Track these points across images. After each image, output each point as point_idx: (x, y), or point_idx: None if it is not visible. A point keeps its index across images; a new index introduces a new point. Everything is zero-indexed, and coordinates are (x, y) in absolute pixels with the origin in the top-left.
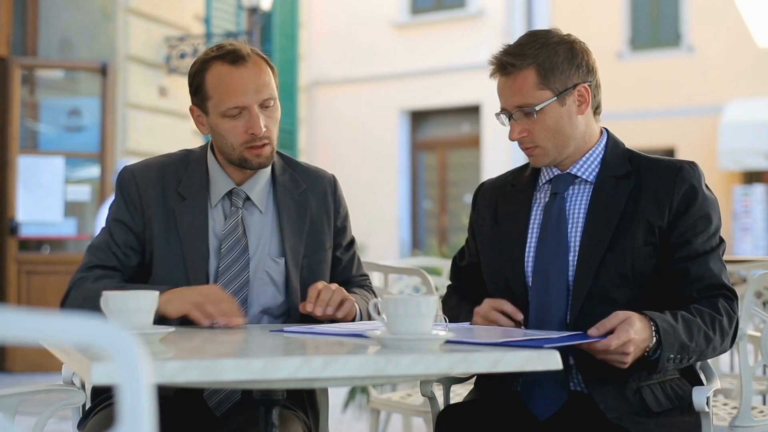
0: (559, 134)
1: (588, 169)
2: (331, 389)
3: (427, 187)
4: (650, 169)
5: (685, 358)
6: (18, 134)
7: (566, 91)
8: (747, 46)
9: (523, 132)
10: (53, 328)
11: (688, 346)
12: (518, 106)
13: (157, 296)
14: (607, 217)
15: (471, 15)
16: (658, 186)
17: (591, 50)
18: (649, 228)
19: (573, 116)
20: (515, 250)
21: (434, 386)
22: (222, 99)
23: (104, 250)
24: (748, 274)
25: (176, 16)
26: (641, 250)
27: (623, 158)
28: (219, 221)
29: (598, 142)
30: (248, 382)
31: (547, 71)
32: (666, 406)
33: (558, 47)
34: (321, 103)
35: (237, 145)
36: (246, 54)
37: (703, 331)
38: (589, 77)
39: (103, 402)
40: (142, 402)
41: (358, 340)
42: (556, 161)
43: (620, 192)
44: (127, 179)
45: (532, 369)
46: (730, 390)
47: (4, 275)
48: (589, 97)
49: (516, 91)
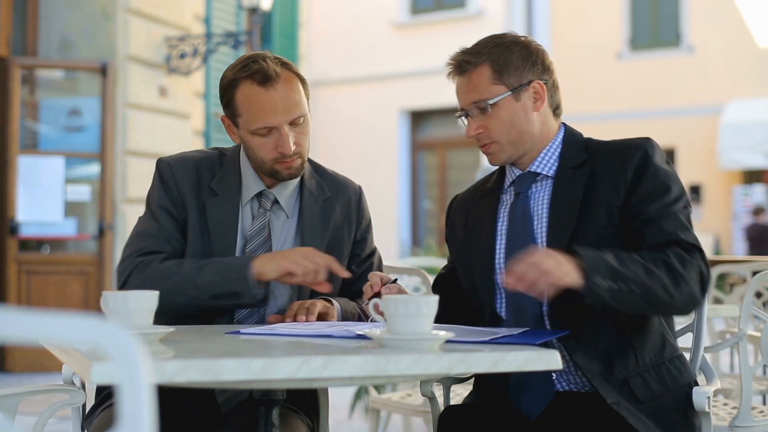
0: (514, 129)
1: (547, 164)
2: (334, 390)
3: (427, 187)
4: (604, 154)
5: (621, 285)
6: (18, 134)
7: (521, 86)
8: (747, 46)
9: (479, 128)
10: (53, 328)
11: (619, 270)
12: (474, 102)
13: (157, 296)
14: (567, 208)
15: (471, 15)
16: (611, 167)
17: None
18: (608, 210)
19: (528, 112)
20: (485, 252)
21: (434, 386)
22: (251, 119)
23: (156, 236)
24: (748, 274)
25: (176, 16)
26: (605, 233)
27: (580, 149)
28: (247, 220)
29: (555, 137)
30: (248, 382)
31: (501, 67)
32: (659, 392)
33: (512, 46)
34: (321, 103)
35: (267, 160)
36: (274, 74)
37: (641, 264)
38: (544, 75)
39: (109, 398)
40: (142, 402)
41: (358, 340)
42: (513, 158)
43: (577, 181)
44: (164, 169)
45: (532, 369)
46: (730, 390)
47: (4, 275)
48: (544, 94)
49: (471, 88)
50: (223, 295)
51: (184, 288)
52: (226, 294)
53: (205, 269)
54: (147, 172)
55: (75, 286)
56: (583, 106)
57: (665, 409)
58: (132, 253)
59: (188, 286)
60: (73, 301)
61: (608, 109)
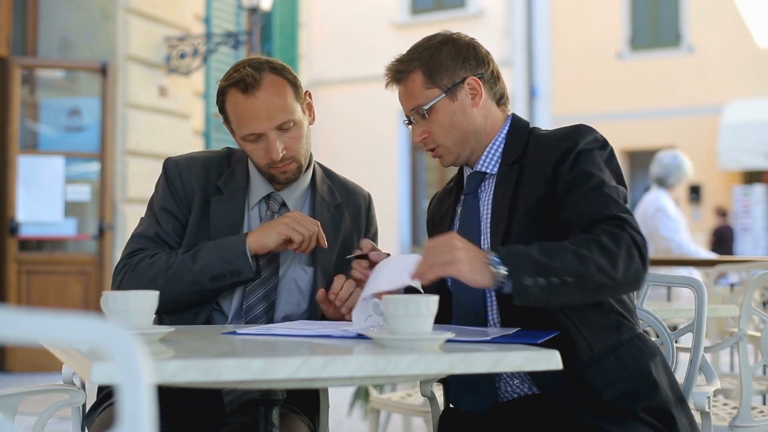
0: (456, 130)
1: (491, 162)
2: (334, 390)
3: (427, 187)
4: (536, 147)
5: (553, 280)
6: (18, 134)
7: (455, 86)
8: (747, 46)
9: (423, 134)
10: (53, 328)
11: (548, 265)
12: (412, 109)
13: (157, 296)
14: (501, 208)
15: (471, 15)
16: (539, 161)
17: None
18: (535, 205)
19: (467, 110)
20: None
21: (434, 386)
22: (239, 126)
23: (153, 238)
24: (748, 274)
25: (176, 16)
26: (534, 231)
27: (520, 143)
28: (255, 222)
29: (499, 131)
30: (248, 382)
31: (432, 70)
32: (619, 375)
33: (441, 46)
34: (321, 103)
35: (261, 165)
36: (254, 80)
37: (571, 250)
38: (479, 69)
39: (109, 398)
40: (142, 402)
41: (358, 340)
42: (462, 158)
43: (509, 179)
44: (172, 169)
45: (532, 369)
46: (730, 390)
47: (4, 275)
48: (481, 88)
49: (408, 95)
50: (223, 275)
51: (181, 275)
52: (226, 273)
53: (200, 253)
54: (147, 172)
55: (75, 286)
56: (582, 106)
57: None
58: (125, 255)
59: (186, 272)
60: (73, 301)
61: (608, 109)
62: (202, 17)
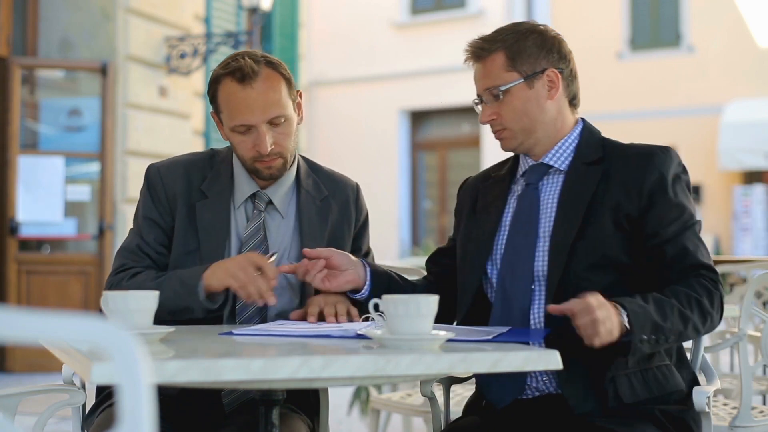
0: (527, 117)
1: (561, 158)
2: (333, 390)
3: (427, 187)
4: (621, 156)
5: (662, 338)
6: (18, 134)
7: (534, 74)
8: (747, 46)
9: (492, 115)
10: (53, 328)
11: (662, 326)
12: (487, 89)
13: (157, 296)
14: (576, 205)
15: (471, 15)
16: (628, 173)
17: (563, 40)
18: (618, 215)
19: (542, 100)
20: (486, 238)
21: (434, 386)
22: (230, 115)
23: (135, 251)
24: (748, 274)
25: (176, 16)
26: (612, 237)
27: (597, 146)
28: (241, 223)
29: (571, 131)
30: (248, 382)
31: (515, 54)
32: (643, 395)
33: (528, 33)
34: (321, 103)
35: (247, 158)
36: (252, 72)
37: (678, 310)
38: (560, 64)
39: (109, 398)
40: (142, 402)
41: (358, 340)
42: (525, 146)
43: (589, 178)
44: (153, 176)
45: (532, 369)
46: (730, 390)
47: (4, 275)
48: (558, 82)
49: (486, 74)
50: (178, 310)
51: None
52: (180, 309)
53: (163, 285)
54: None
55: (75, 286)
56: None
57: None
58: (112, 272)
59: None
60: (73, 301)
61: (608, 109)
62: (202, 17)
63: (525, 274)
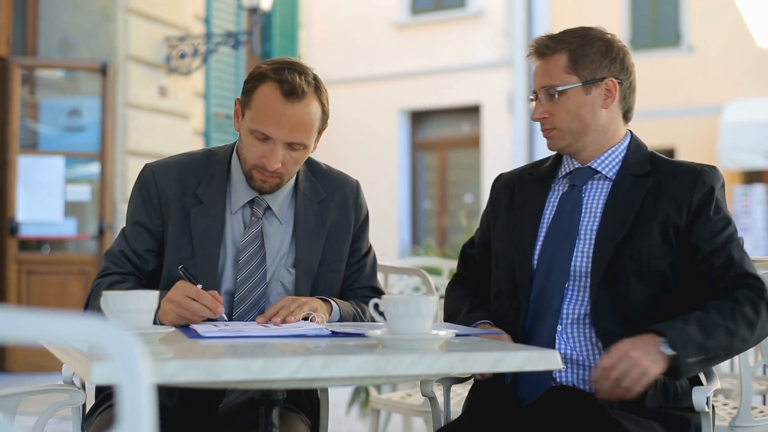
0: (579, 120)
1: (609, 165)
2: (333, 390)
3: (427, 187)
4: (670, 171)
5: (711, 357)
6: (18, 134)
7: (594, 81)
8: (747, 46)
9: (545, 113)
10: (53, 328)
11: (707, 345)
12: (544, 87)
13: (157, 296)
14: (624, 212)
15: (471, 15)
16: (677, 187)
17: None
18: (666, 227)
19: (596, 108)
20: (526, 236)
21: (434, 386)
22: (257, 118)
23: (118, 256)
24: None
25: (176, 16)
26: (658, 249)
27: (644, 159)
28: (238, 229)
29: (621, 141)
30: (248, 382)
31: (578, 57)
32: (658, 403)
33: (595, 40)
34: None
35: (249, 162)
36: (301, 91)
37: (723, 326)
38: (621, 75)
39: (109, 399)
40: (142, 402)
41: (358, 340)
42: (572, 148)
43: (639, 190)
44: (147, 178)
45: (532, 369)
46: (730, 390)
47: (4, 275)
48: (616, 92)
49: (545, 72)
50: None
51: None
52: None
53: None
54: None
55: (75, 286)
56: None
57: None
58: (99, 273)
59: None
60: (73, 301)
61: None
62: (202, 17)
63: (562, 272)
